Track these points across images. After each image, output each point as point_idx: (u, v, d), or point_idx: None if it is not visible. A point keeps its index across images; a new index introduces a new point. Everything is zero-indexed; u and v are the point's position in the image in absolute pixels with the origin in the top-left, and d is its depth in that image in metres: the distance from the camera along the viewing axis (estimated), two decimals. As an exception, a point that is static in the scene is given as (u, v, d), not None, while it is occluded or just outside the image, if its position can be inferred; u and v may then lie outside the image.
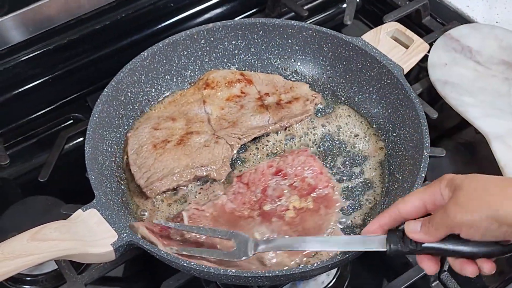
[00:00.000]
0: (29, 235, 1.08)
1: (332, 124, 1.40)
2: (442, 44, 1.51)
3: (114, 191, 1.27)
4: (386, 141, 1.37)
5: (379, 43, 1.40)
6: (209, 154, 1.32)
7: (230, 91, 1.43)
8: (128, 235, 1.14)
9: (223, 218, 1.24)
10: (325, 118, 1.41)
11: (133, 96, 1.39)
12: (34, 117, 1.54)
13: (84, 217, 1.15)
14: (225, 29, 1.44)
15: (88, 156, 1.24)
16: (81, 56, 1.55)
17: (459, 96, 1.42)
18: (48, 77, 1.53)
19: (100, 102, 1.31)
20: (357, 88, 1.43)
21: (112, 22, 1.52)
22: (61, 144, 1.43)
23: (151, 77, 1.41)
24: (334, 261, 1.11)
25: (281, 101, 1.41)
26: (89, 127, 1.27)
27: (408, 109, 1.32)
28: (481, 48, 1.50)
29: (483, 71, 1.47)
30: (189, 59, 1.45)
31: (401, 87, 1.34)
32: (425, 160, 1.22)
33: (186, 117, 1.38)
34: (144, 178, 1.29)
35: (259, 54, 1.48)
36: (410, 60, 1.38)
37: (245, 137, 1.35)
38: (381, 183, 1.31)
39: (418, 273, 1.22)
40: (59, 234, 1.10)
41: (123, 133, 1.36)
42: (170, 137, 1.34)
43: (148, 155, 1.32)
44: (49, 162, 1.40)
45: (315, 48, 1.45)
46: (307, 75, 1.48)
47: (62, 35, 1.48)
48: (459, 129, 1.52)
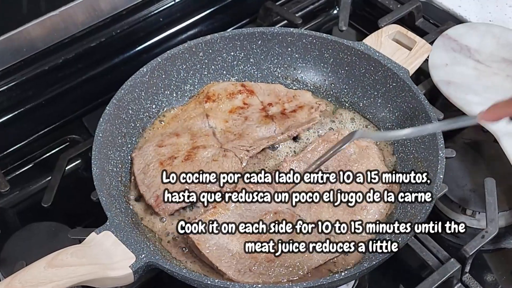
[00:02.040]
0: (46, 262, 1.04)
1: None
2: (441, 45, 1.50)
3: (124, 212, 1.23)
4: (396, 145, 1.35)
5: (381, 46, 1.39)
6: (219, 168, 1.28)
7: (232, 103, 1.40)
8: (147, 256, 1.10)
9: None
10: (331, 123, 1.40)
11: (134, 114, 1.36)
12: (30, 141, 1.49)
13: (99, 240, 1.11)
14: (223, 40, 1.42)
15: (96, 177, 1.20)
16: (75, 75, 1.52)
17: (464, 95, 1.40)
18: (43, 98, 1.49)
19: (103, 121, 1.27)
20: (361, 93, 1.41)
21: (107, 38, 1.49)
22: (62, 167, 1.38)
23: (151, 93, 1.38)
24: (361, 269, 1.09)
25: (285, 110, 1.39)
26: (94, 147, 1.24)
27: (417, 111, 1.31)
28: (479, 47, 1.50)
29: (484, 70, 1.46)
30: (188, 73, 1.42)
31: (408, 89, 1.33)
32: (442, 162, 1.21)
33: (190, 132, 1.35)
34: (154, 198, 1.25)
35: (259, 64, 1.46)
36: (415, 61, 1.37)
37: (253, 149, 1.32)
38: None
39: (442, 277, 1.19)
40: (77, 259, 1.06)
41: (127, 152, 1.33)
42: (176, 153, 1.31)
43: (156, 173, 1.28)
44: (51, 186, 1.35)
45: (315, 55, 1.43)
46: (309, 83, 1.46)
47: (57, 54, 1.45)
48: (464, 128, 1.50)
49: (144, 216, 1.26)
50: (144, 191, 1.26)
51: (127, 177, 1.31)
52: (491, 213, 1.25)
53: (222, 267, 1.16)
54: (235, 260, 1.17)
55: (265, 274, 1.16)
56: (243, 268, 1.16)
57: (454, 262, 1.21)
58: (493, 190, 1.27)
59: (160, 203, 1.24)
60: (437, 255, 1.24)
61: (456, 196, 1.34)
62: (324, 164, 1.28)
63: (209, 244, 1.18)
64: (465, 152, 1.41)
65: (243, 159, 1.31)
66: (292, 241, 1.15)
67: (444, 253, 1.24)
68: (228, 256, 1.17)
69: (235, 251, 1.18)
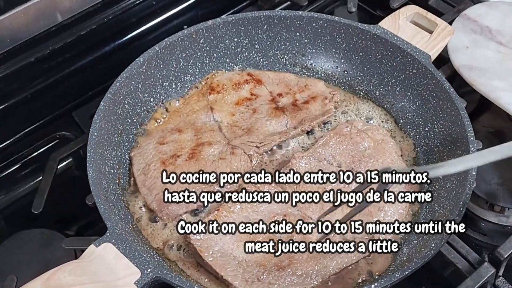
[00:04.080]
0: (41, 282, 0.95)
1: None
2: (460, 26, 1.39)
3: (123, 219, 1.13)
4: (417, 137, 1.24)
5: (399, 30, 1.29)
6: (227, 168, 1.18)
7: (239, 94, 1.30)
8: (153, 270, 1.00)
9: None
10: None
11: (131, 108, 1.25)
12: (16, 139, 1.40)
13: (99, 254, 1.01)
14: (226, 25, 1.32)
15: (92, 182, 1.09)
16: (64, 66, 1.43)
17: (488, 81, 1.30)
18: (29, 92, 1.40)
19: (98, 118, 1.17)
20: (378, 81, 1.31)
21: (98, 26, 1.39)
22: (53, 168, 1.28)
23: (149, 85, 1.28)
24: (392, 280, 0.99)
25: (297, 101, 1.28)
26: (89, 148, 1.13)
27: (441, 100, 1.22)
28: (501, 28, 1.40)
29: (508, 52, 1.36)
30: (188, 62, 1.32)
31: (430, 77, 1.23)
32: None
33: (193, 127, 1.24)
34: (156, 201, 1.14)
35: (265, 51, 1.36)
36: (437, 46, 1.28)
37: (264, 145, 1.21)
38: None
39: (475, 283, 1.09)
40: (76, 277, 0.96)
41: (124, 152, 1.23)
42: (179, 151, 1.20)
43: (158, 174, 1.17)
44: (42, 190, 1.25)
45: (326, 39, 1.34)
46: (319, 71, 1.36)
47: (43, 44, 1.34)
48: (481, 115, 1.41)
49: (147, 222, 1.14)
50: (145, 194, 1.16)
51: (125, 179, 1.20)
52: (524, 210, 1.15)
53: (228, 276, 1.06)
54: (242, 269, 1.07)
55: (275, 284, 1.06)
56: (251, 278, 1.07)
57: (489, 267, 1.11)
58: (525, 184, 1.18)
59: (164, 207, 1.13)
60: (467, 257, 1.15)
61: (483, 191, 1.26)
62: (336, 160, 1.20)
63: (212, 251, 1.09)
64: (489, 143, 1.31)
65: (253, 156, 1.20)
66: (292, 241, 1.07)
67: (474, 255, 1.15)
68: (233, 264, 1.08)
69: (241, 259, 1.08)
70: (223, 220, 1.11)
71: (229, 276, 1.06)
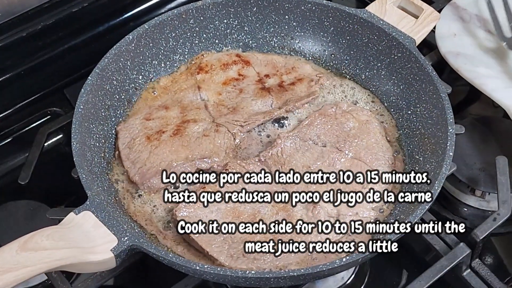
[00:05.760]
0: (18, 245, 0.95)
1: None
2: (449, 14, 1.41)
3: (106, 190, 1.14)
4: (400, 120, 1.26)
5: (386, 14, 1.30)
6: (210, 144, 1.19)
7: (226, 74, 1.31)
8: (130, 238, 1.01)
9: None
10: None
11: (119, 85, 1.26)
12: (8, 114, 1.41)
13: (78, 221, 1.03)
14: (216, 6, 1.33)
15: (76, 153, 1.11)
16: (56, 43, 1.43)
17: (474, 67, 1.31)
18: (21, 68, 1.40)
19: (85, 92, 1.18)
20: (364, 65, 1.32)
21: (90, 3, 1.39)
22: (41, 141, 1.30)
23: (138, 63, 1.29)
24: (364, 255, 1.00)
25: (283, 82, 1.30)
26: (74, 120, 1.14)
27: (424, 84, 1.22)
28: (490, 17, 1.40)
29: (495, 40, 1.37)
30: (178, 41, 1.33)
31: (414, 60, 1.24)
32: (452, 138, 1.13)
33: (180, 105, 1.26)
34: (139, 174, 1.16)
35: (254, 33, 1.36)
36: (422, 30, 1.28)
37: (248, 124, 1.22)
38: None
39: (450, 263, 1.11)
40: (53, 242, 0.97)
41: (111, 126, 1.24)
42: (164, 127, 1.22)
43: (142, 148, 1.19)
44: (29, 162, 1.26)
45: (314, 23, 1.34)
46: (307, 53, 1.36)
47: (35, 20, 1.35)
48: (470, 102, 1.43)
49: (128, 195, 1.16)
50: (128, 167, 1.17)
51: (111, 153, 1.22)
52: (503, 194, 1.16)
53: (213, 252, 1.07)
54: (227, 245, 1.08)
55: (260, 259, 1.07)
56: (236, 253, 1.08)
57: (464, 247, 1.13)
58: (506, 169, 1.19)
59: (145, 180, 1.14)
60: (444, 239, 1.17)
61: (464, 176, 1.27)
62: (321, 140, 1.21)
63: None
64: (473, 128, 1.33)
65: (237, 135, 1.21)
66: (292, 241, 1.07)
67: (452, 236, 1.17)
68: (219, 240, 1.09)
69: (226, 235, 1.08)
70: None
71: (215, 252, 1.07)
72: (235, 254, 1.07)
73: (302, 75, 1.31)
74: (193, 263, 0.99)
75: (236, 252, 1.07)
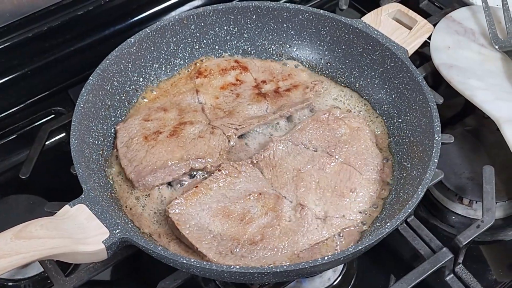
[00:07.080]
0: (13, 233, 0.99)
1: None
2: (444, 27, 1.44)
3: (103, 186, 1.18)
4: (391, 127, 1.29)
5: (380, 25, 1.33)
6: (205, 145, 1.23)
7: (225, 79, 1.35)
8: (121, 231, 1.05)
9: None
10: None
11: (119, 86, 1.30)
12: (13, 112, 1.44)
13: (72, 213, 1.07)
14: (216, 13, 1.36)
15: (74, 148, 1.15)
16: (62, 45, 1.46)
17: (466, 79, 1.35)
18: (27, 68, 1.44)
19: (85, 91, 1.22)
20: (358, 73, 1.35)
21: (96, 7, 1.43)
22: (43, 138, 1.34)
23: (139, 65, 1.33)
24: (346, 254, 1.03)
25: (279, 89, 1.33)
26: (74, 118, 1.18)
27: (414, 93, 1.25)
28: (485, 31, 1.43)
29: (488, 54, 1.40)
30: (179, 46, 1.37)
31: (406, 70, 1.27)
32: (437, 145, 1.15)
33: (178, 107, 1.30)
34: (135, 172, 1.20)
35: (253, 40, 1.40)
36: (415, 41, 1.31)
37: (242, 128, 1.26)
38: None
39: (433, 266, 1.14)
40: (46, 231, 1.01)
41: (110, 125, 1.28)
42: (162, 128, 1.25)
43: (139, 148, 1.23)
44: (30, 158, 1.30)
45: (312, 32, 1.38)
46: (304, 61, 1.40)
47: (42, 22, 1.39)
48: (465, 114, 1.46)
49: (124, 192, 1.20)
50: (125, 165, 1.21)
51: (109, 151, 1.25)
52: (488, 202, 1.19)
53: (202, 248, 1.11)
54: (216, 242, 1.12)
55: (247, 257, 1.10)
56: (224, 250, 1.11)
57: (447, 252, 1.16)
58: (491, 178, 1.22)
59: (141, 178, 1.18)
60: (429, 244, 1.19)
61: (453, 184, 1.29)
62: (313, 144, 1.24)
63: (189, 224, 1.13)
64: (464, 139, 1.35)
65: (231, 137, 1.25)
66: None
67: (437, 242, 1.19)
68: (209, 237, 1.12)
69: (216, 232, 1.13)
70: (200, 197, 1.16)
71: (204, 249, 1.11)
72: (223, 251, 1.11)
73: (298, 82, 1.35)
74: (180, 256, 1.02)
75: (225, 250, 1.11)
